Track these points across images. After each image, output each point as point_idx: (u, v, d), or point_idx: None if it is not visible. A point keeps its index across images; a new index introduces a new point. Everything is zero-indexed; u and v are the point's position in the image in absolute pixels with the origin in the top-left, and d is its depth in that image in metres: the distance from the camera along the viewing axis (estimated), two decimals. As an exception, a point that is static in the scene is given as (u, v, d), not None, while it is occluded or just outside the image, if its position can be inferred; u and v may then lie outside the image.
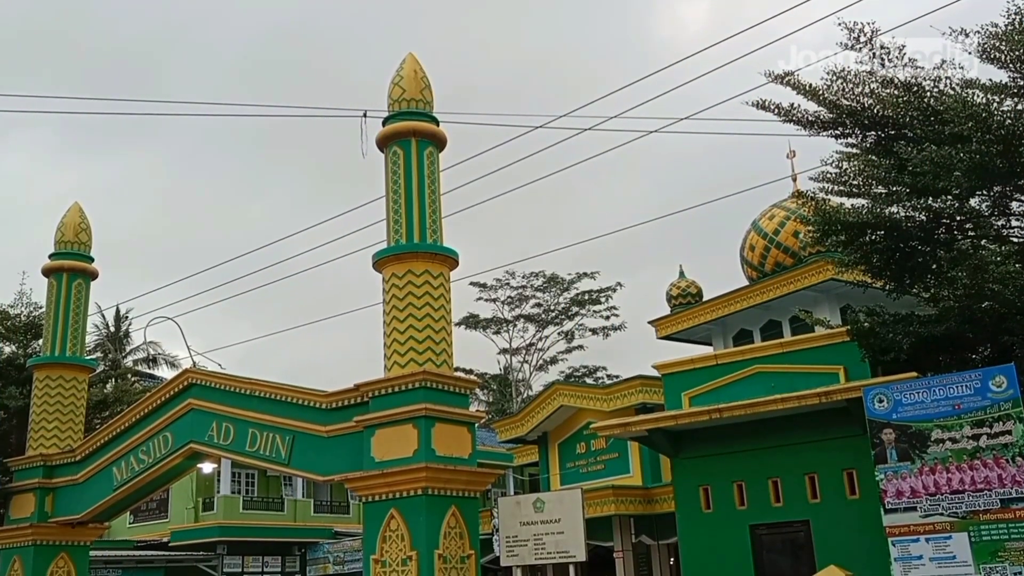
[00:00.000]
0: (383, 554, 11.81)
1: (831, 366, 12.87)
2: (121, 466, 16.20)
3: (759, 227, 22.66)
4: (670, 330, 24.05)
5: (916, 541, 9.83)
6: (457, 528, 11.94)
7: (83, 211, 18.90)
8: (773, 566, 12.55)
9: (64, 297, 18.11)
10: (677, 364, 14.47)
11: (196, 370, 15.78)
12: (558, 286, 51.33)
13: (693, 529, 13.41)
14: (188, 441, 15.20)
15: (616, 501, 19.17)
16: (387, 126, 13.46)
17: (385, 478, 11.87)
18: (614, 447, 21.27)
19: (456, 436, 12.28)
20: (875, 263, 12.18)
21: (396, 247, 12.93)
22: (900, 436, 10.20)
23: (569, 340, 52.03)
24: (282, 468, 14.45)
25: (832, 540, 12.09)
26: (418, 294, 12.61)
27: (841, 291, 19.71)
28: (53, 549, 16.92)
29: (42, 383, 17.67)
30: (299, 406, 13.62)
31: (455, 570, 11.75)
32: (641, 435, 14.09)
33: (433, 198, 13.25)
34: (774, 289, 21.13)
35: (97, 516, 17.07)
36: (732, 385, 13.44)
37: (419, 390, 12.04)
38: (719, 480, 13.31)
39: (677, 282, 24.91)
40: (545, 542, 12.05)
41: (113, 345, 41.31)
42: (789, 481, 12.80)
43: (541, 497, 12.62)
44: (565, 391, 22.64)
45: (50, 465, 17.19)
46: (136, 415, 16.18)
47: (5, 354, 21.51)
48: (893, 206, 11.72)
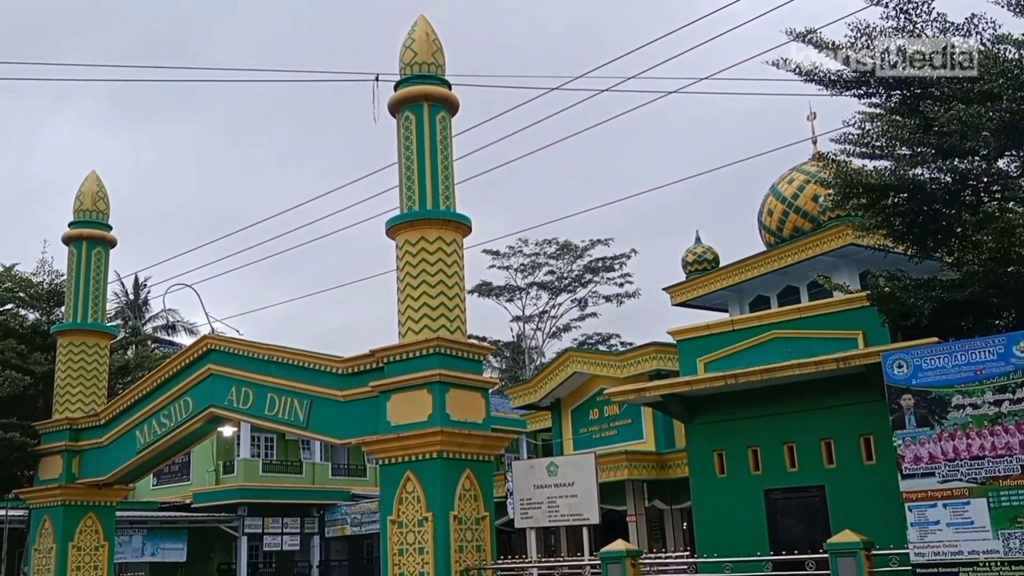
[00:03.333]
0: (400, 515, 11.94)
1: (850, 331, 12.76)
2: (144, 430, 16.44)
3: (778, 191, 22.42)
4: (685, 297, 23.93)
5: (933, 507, 9.78)
6: (472, 490, 12.04)
7: (100, 180, 19.00)
8: (787, 531, 12.55)
9: (84, 265, 18.28)
10: (693, 330, 14.40)
11: (215, 336, 15.91)
12: (571, 253, 51.08)
13: (707, 494, 13.43)
14: (208, 405, 15.38)
15: (629, 466, 19.25)
16: (399, 91, 13.36)
17: (401, 441, 11.96)
18: (627, 413, 21.31)
19: (470, 401, 12.34)
20: (897, 227, 11.98)
21: (409, 214, 12.90)
22: (919, 402, 10.11)
23: (582, 308, 51.96)
24: (300, 432, 14.62)
25: (847, 505, 12.07)
26: (431, 261, 12.60)
27: (861, 256, 19.51)
28: (81, 509, 17.28)
29: (66, 349, 17.90)
30: (316, 371, 13.72)
31: (470, 531, 11.87)
32: (656, 400, 14.08)
33: (446, 164, 13.18)
34: (792, 254, 20.94)
35: (122, 478, 17.37)
36: (748, 351, 13.36)
37: (433, 356, 12.08)
38: (734, 445, 13.29)
39: (693, 248, 24.74)
40: (559, 505, 12.12)
41: (133, 312, 41.69)
42: (805, 446, 12.77)
43: (555, 461, 12.67)
44: (578, 358, 22.66)
45: (76, 428, 17.48)
46: (157, 380, 16.37)
47: (30, 321, 21.78)
48: (917, 168, 11.49)
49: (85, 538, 17.21)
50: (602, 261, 51.00)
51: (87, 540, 17.23)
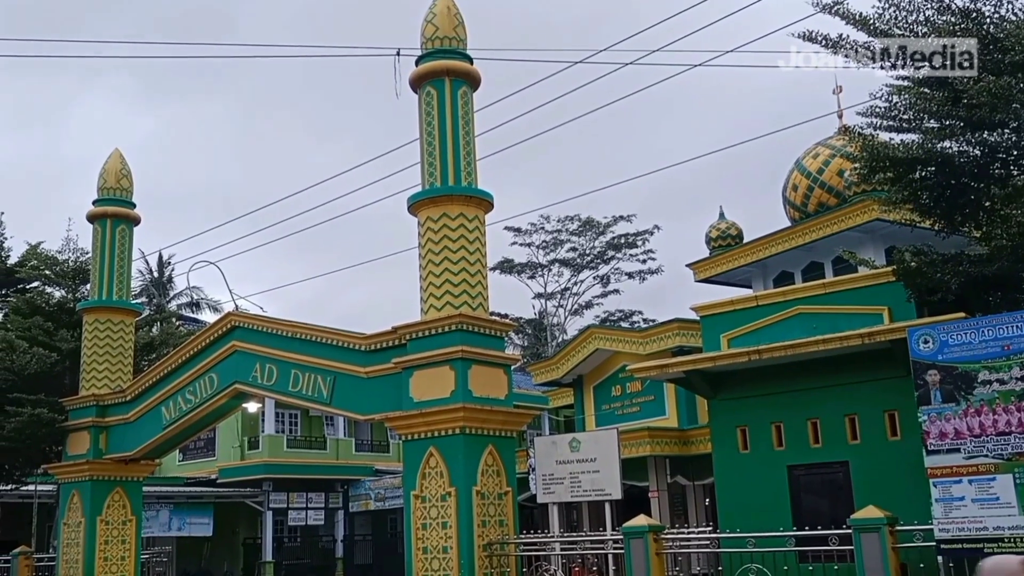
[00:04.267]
0: (423, 490, 12.01)
1: (875, 307, 12.65)
2: (169, 406, 16.61)
3: (802, 166, 22.19)
4: (709, 273, 23.82)
5: (958, 482, 9.72)
6: (494, 466, 12.09)
7: (124, 158, 19.09)
8: (810, 507, 12.53)
9: (109, 243, 18.42)
10: (716, 306, 14.34)
11: (239, 313, 16.00)
12: (594, 230, 50.85)
13: (730, 470, 13.42)
14: (233, 381, 15.51)
15: (652, 442, 19.26)
16: (420, 66, 13.29)
17: (424, 417, 12.02)
18: (650, 390, 21.29)
19: (492, 377, 12.36)
20: (924, 201, 11.83)
21: (430, 190, 12.87)
22: (945, 377, 10.02)
23: (605, 284, 51.79)
24: (324, 407, 14.71)
25: (871, 481, 12.02)
26: (453, 237, 12.58)
27: (886, 231, 19.31)
28: (109, 484, 17.51)
29: (91, 326, 18.09)
30: (339, 348, 13.78)
31: (493, 506, 11.93)
32: (679, 377, 14.05)
33: (468, 139, 13.12)
34: (817, 230, 20.77)
35: (148, 453, 17.58)
36: (772, 326, 13.29)
37: (455, 333, 12.10)
38: (757, 421, 13.25)
39: (717, 224, 24.57)
40: (581, 480, 12.12)
41: (157, 290, 42.07)
42: (828, 422, 12.71)
43: (577, 437, 12.66)
44: (601, 334, 22.64)
45: (102, 405, 17.69)
46: (182, 357, 16.52)
47: (56, 299, 22.03)
48: (946, 141, 11.32)
49: (113, 512, 17.45)
50: (625, 237, 50.73)
51: (115, 514, 17.48)
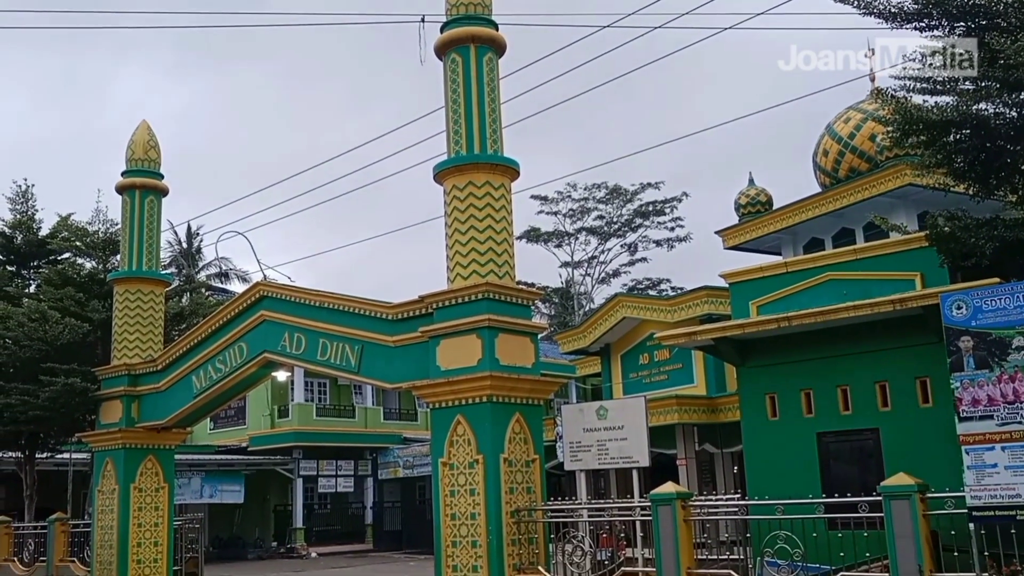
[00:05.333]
0: (451, 457, 12.08)
1: (907, 272, 12.47)
2: (200, 375, 16.79)
3: (833, 131, 21.85)
4: (738, 240, 23.63)
5: (991, 449, 9.60)
6: (522, 434, 12.12)
7: (151, 129, 19.16)
8: (840, 474, 12.45)
9: (138, 214, 18.54)
10: (745, 272, 14.22)
11: (267, 283, 16.09)
12: (621, 197, 50.48)
13: (758, 437, 13.37)
14: (262, 351, 15.63)
15: (680, 410, 19.25)
16: (445, 32, 13.16)
17: (451, 386, 12.05)
18: (678, 358, 21.24)
19: (519, 346, 12.35)
20: (958, 164, 11.59)
21: (456, 158, 12.80)
22: (979, 343, 9.87)
23: (632, 252, 51.52)
24: (352, 376, 14.79)
25: (902, 448, 11.92)
26: (479, 206, 12.52)
27: (919, 197, 19.02)
28: (141, 452, 17.78)
29: (122, 296, 18.28)
30: (366, 317, 13.83)
31: (520, 473, 11.98)
32: (707, 344, 13.97)
33: (493, 107, 13.02)
34: (848, 196, 20.50)
35: (180, 422, 17.81)
36: (802, 293, 13.15)
37: (482, 301, 12.08)
38: (786, 388, 13.17)
39: (746, 190, 24.32)
40: (608, 448, 12.12)
41: (186, 261, 42.46)
42: (859, 389, 12.60)
43: (604, 405, 12.65)
44: (628, 303, 22.58)
45: (134, 374, 17.92)
46: (212, 326, 16.66)
47: (86, 269, 22.28)
48: (981, 102, 11.08)
49: (146, 480, 17.73)
50: (653, 205, 50.36)
51: (148, 482, 17.76)
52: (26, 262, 23.66)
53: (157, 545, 17.63)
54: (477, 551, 11.60)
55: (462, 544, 11.79)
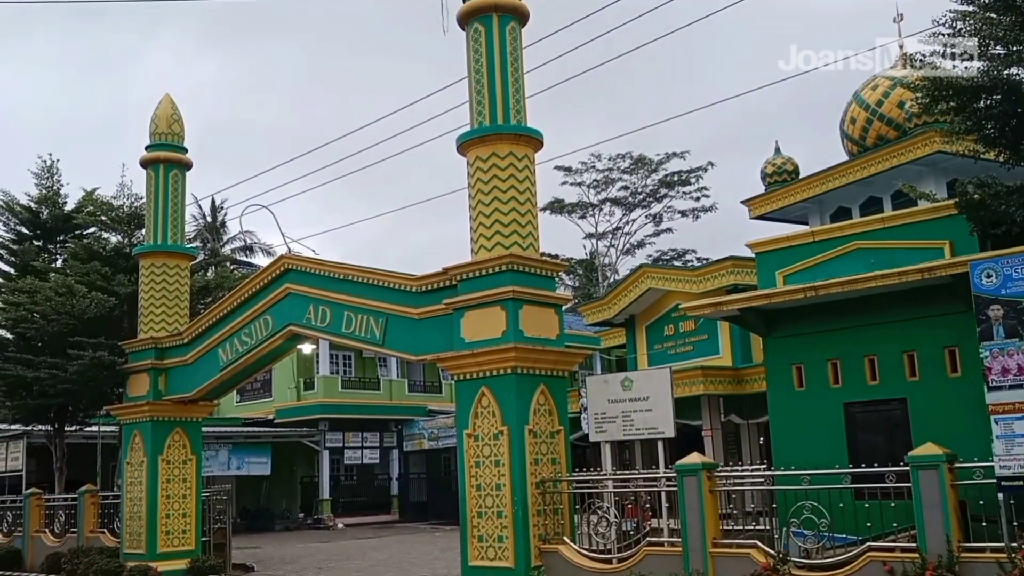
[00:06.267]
0: (476, 429, 12.13)
1: (936, 241, 12.29)
2: (226, 348, 16.94)
3: (861, 99, 21.50)
4: (764, 209, 23.41)
5: (1020, 419, 9.47)
6: (546, 405, 12.14)
7: (174, 102, 19.21)
8: (867, 444, 12.37)
9: (162, 188, 18.65)
10: (772, 242, 14.07)
11: (292, 256, 16.14)
12: (646, 167, 49.99)
13: (784, 408, 13.30)
14: (287, 324, 15.73)
15: (705, 381, 19.19)
16: (467, 2, 13.04)
17: (475, 358, 12.07)
18: (703, 328, 21.13)
19: (543, 318, 12.34)
20: (989, 131, 11.38)
21: (479, 129, 12.73)
22: (1008, 312, 9.72)
23: (657, 223, 51.12)
24: (377, 348, 14.86)
25: (930, 418, 11.82)
26: (503, 177, 12.46)
27: (948, 164, 18.71)
28: (169, 424, 18.01)
29: (148, 270, 18.43)
30: (391, 290, 13.86)
31: (545, 444, 12.01)
32: (733, 314, 13.88)
33: (516, 77, 12.91)
34: (876, 164, 20.21)
35: (206, 394, 18.00)
36: (829, 262, 13.01)
37: (506, 273, 12.06)
38: (813, 358, 13.07)
39: (773, 159, 24.06)
40: (634, 419, 12.10)
41: (211, 234, 42.71)
42: (886, 359, 12.48)
43: (629, 376, 12.61)
44: (653, 273, 22.46)
45: (161, 347, 18.10)
46: (237, 300, 16.77)
47: (112, 244, 22.47)
48: (1012, 67, 10.85)
49: (174, 452, 17.97)
50: (678, 175, 49.81)
51: (175, 454, 17.99)
52: (52, 237, 23.90)
53: (185, 516, 17.91)
54: (502, 521, 11.68)
55: (487, 515, 11.87)
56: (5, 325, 21.21)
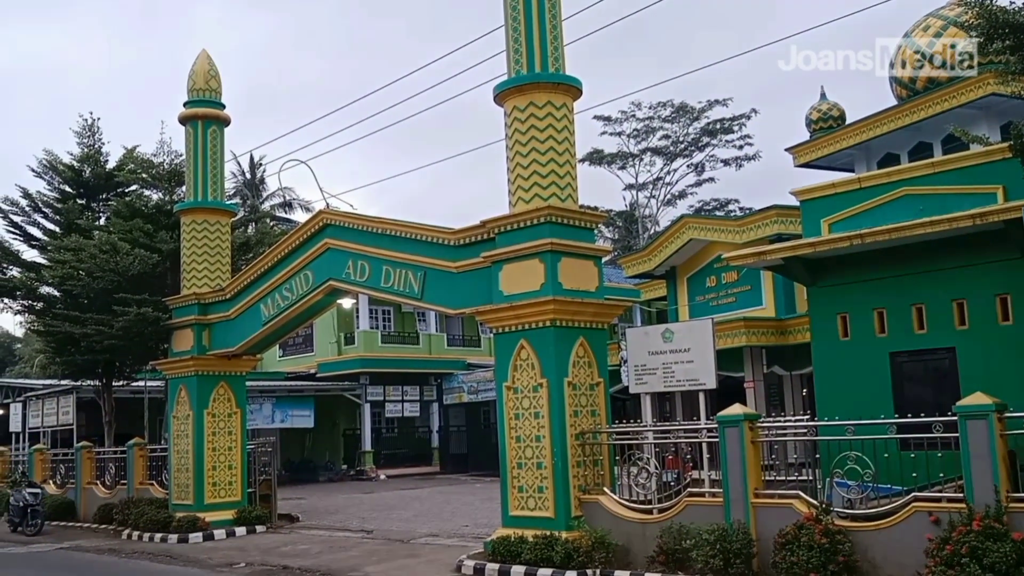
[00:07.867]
0: (515, 382, 12.11)
1: (988, 186, 11.88)
2: (268, 303, 17.08)
3: (911, 40, 20.78)
4: (809, 157, 22.88)
5: (1076, 369, 9.24)
6: (585, 358, 12.07)
7: (211, 59, 19.16)
8: (914, 395, 12.13)
9: (201, 144, 18.70)
10: (817, 189, 13.73)
11: (331, 211, 16.15)
12: (687, 116, 49.03)
13: (829, 358, 13.08)
14: (327, 279, 15.79)
15: (747, 332, 18.98)
16: (503, -52, 12.73)
17: (514, 311, 12.00)
18: (746, 279, 20.85)
19: (582, 270, 12.21)
20: (1047, 70, 10.90)
21: (516, 78, 12.51)
22: (1065, 258, 9.41)
23: (699, 173, 50.29)
24: (415, 302, 14.87)
25: (979, 367, 11.54)
26: (540, 127, 12.26)
27: (1003, 107, 18.08)
28: (213, 379, 18.29)
29: (189, 227, 18.57)
30: (429, 243, 13.80)
31: (584, 396, 11.96)
32: (777, 264, 13.62)
33: (554, 24, 12.64)
34: (926, 108, 19.59)
35: (249, 349, 18.22)
36: (876, 209, 12.66)
37: (544, 225, 11.93)
38: (858, 308, 12.80)
39: (818, 105, 23.47)
40: (674, 370, 11.97)
41: (250, 191, 42.99)
42: (934, 307, 12.18)
43: (670, 327, 12.46)
44: (695, 224, 22.15)
45: (204, 303, 18.32)
46: (278, 255, 16.86)
47: (153, 201, 22.64)
48: (1073, 2, 10.32)
49: (219, 406, 18.26)
50: (720, 123, 48.76)
51: (221, 407, 18.29)
52: (95, 195, 24.14)
53: (231, 468, 18.26)
54: (542, 472, 11.70)
55: (527, 466, 11.89)
56: (52, 283, 21.56)
